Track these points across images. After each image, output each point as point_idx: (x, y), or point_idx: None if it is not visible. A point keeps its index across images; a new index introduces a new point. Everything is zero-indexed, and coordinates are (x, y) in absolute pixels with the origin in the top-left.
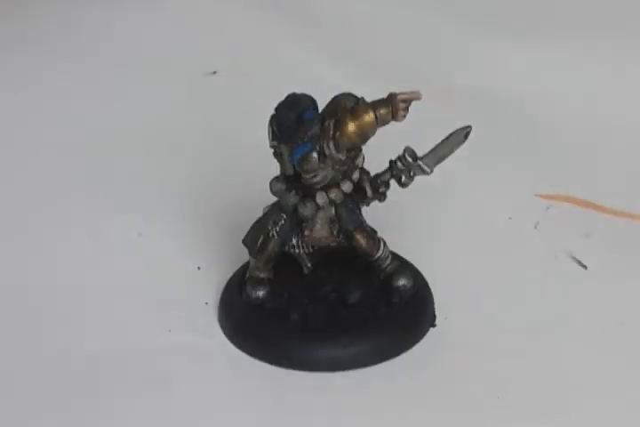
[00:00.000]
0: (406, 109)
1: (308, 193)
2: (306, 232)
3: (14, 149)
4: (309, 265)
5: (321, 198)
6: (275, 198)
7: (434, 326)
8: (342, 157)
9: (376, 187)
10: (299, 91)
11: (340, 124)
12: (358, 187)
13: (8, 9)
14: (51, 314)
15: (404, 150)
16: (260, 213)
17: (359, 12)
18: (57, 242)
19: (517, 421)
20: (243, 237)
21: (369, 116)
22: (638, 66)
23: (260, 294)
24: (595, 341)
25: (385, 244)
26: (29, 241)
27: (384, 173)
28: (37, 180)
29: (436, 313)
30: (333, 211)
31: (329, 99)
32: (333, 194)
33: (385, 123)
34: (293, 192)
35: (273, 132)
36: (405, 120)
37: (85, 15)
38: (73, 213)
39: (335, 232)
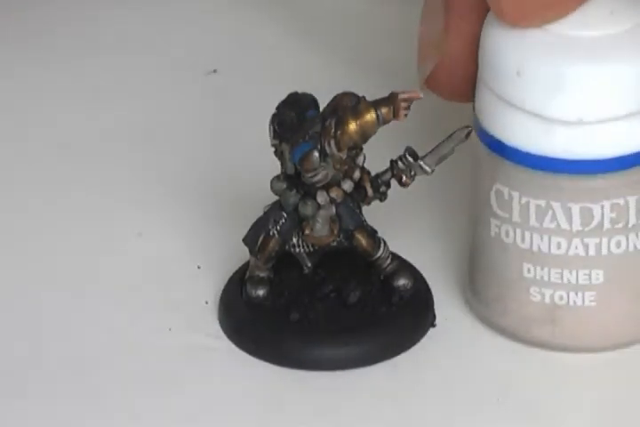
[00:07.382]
0: (408, 109)
1: (308, 192)
2: (306, 231)
3: (13, 149)
4: (309, 265)
5: (321, 197)
6: (275, 197)
7: (434, 326)
8: (343, 155)
9: (377, 186)
10: (299, 90)
11: (341, 123)
12: (359, 186)
13: (7, 8)
14: (50, 314)
15: (405, 150)
16: (260, 212)
17: (359, 12)
18: (56, 242)
19: (517, 422)
20: (243, 237)
21: (370, 115)
22: None
23: (260, 293)
24: None
25: (385, 244)
26: (28, 241)
27: (385, 172)
28: (36, 180)
29: (436, 313)
30: (334, 210)
31: (329, 98)
32: (334, 193)
33: (386, 122)
34: (294, 191)
35: (274, 131)
36: (406, 119)
37: (85, 15)
38: (72, 212)
39: (336, 231)
